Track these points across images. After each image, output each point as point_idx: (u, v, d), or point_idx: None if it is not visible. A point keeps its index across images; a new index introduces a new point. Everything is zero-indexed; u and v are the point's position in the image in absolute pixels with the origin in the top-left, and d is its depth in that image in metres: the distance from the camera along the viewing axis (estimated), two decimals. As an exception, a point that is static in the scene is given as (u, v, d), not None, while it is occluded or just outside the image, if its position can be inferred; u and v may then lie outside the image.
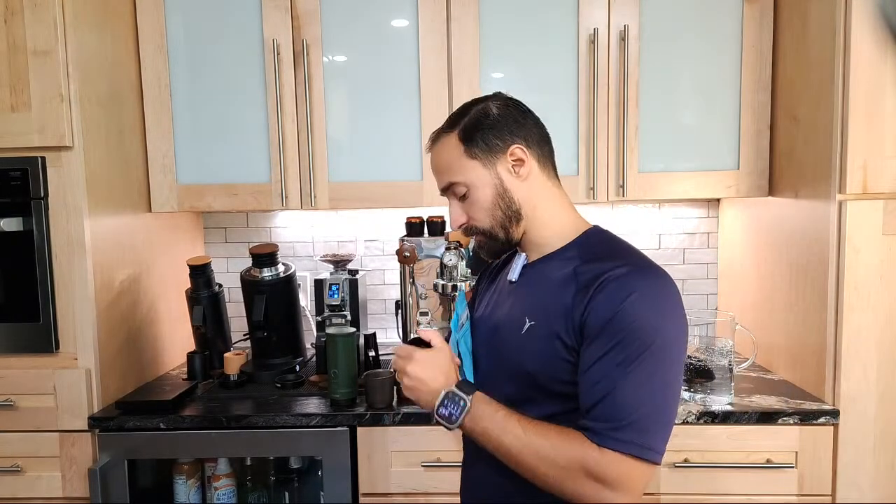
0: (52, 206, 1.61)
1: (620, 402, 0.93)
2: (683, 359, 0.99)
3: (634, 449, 0.92)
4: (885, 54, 1.45)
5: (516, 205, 1.06)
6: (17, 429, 1.66)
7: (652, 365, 0.93)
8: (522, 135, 1.06)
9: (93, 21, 1.68)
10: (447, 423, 1.02)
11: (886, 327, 1.55)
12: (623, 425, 0.92)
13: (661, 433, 0.95)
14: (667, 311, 0.97)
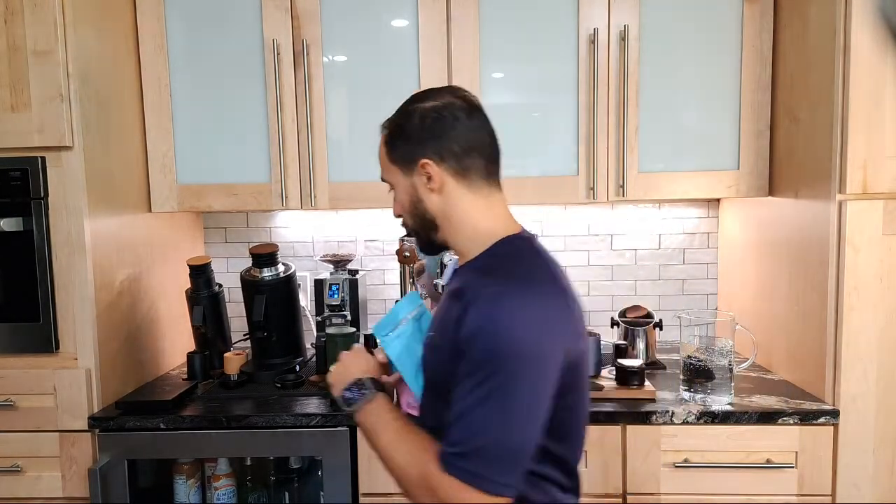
0: (52, 206, 1.61)
1: (469, 427, 0.90)
2: (550, 380, 0.92)
3: (471, 479, 0.89)
4: (885, 54, 1.45)
5: (430, 214, 1.07)
6: (18, 429, 1.66)
7: (506, 391, 0.88)
8: (437, 148, 1.03)
9: (93, 21, 1.68)
10: (346, 405, 1.07)
11: (886, 327, 1.55)
12: (467, 451, 0.89)
13: (506, 464, 0.90)
14: (531, 331, 0.90)
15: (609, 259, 2.26)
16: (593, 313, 2.28)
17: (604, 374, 1.78)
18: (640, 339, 1.97)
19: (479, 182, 1.05)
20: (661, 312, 2.18)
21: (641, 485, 1.60)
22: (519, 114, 1.87)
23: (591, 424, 1.57)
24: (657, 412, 1.58)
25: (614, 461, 1.60)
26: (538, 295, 0.95)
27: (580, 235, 2.25)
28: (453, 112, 1.05)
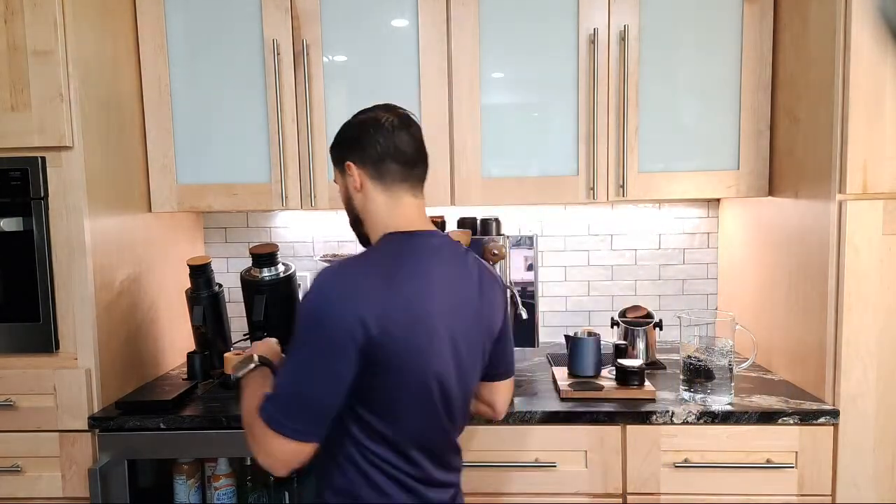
0: (52, 206, 1.61)
1: (277, 378, 1.12)
2: (338, 344, 1.05)
3: (269, 420, 1.07)
4: (885, 54, 1.45)
5: (356, 210, 1.23)
6: (18, 429, 1.66)
7: (296, 348, 1.08)
8: (357, 154, 1.20)
9: (93, 21, 1.68)
10: (233, 372, 1.28)
11: (886, 327, 1.55)
12: (271, 397, 1.09)
13: (296, 411, 1.06)
14: (321, 299, 1.07)
15: (609, 259, 2.26)
16: (593, 313, 2.28)
17: (604, 374, 1.78)
18: (640, 339, 1.97)
19: (395, 185, 1.19)
20: (661, 312, 2.18)
21: (641, 485, 1.60)
22: (519, 114, 1.87)
23: (591, 424, 1.59)
24: (657, 412, 1.58)
25: (614, 461, 1.60)
26: (350, 274, 1.10)
27: (580, 235, 2.25)
28: (377, 124, 1.22)
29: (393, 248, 1.16)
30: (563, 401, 1.66)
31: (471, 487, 1.61)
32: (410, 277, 1.11)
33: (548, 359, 2.03)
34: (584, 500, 1.61)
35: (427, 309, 1.11)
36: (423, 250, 1.16)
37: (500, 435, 1.61)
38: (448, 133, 1.86)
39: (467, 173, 1.87)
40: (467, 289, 1.20)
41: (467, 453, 1.61)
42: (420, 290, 1.11)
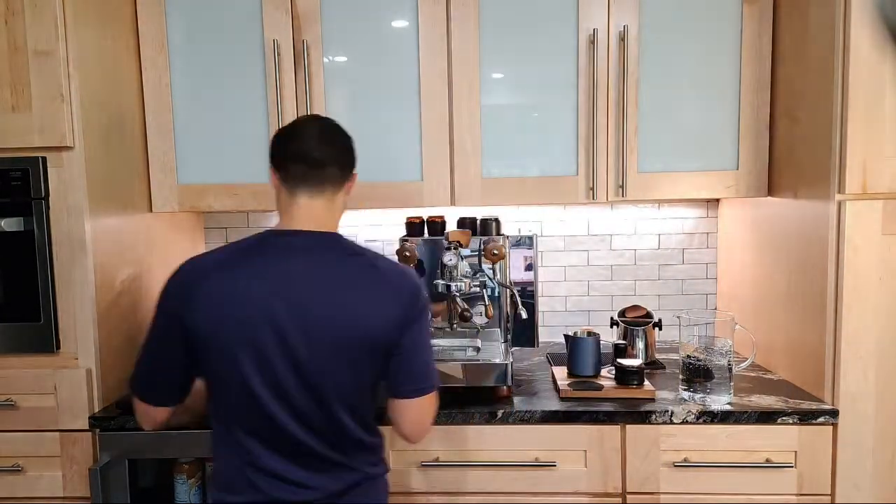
0: (53, 206, 1.61)
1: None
2: (162, 330, 1.25)
3: (131, 385, 1.28)
4: (884, 54, 1.45)
5: (277, 206, 1.31)
6: (18, 428, 1.66)
7: (148, 328, 1.27)
8: (273, 157, 1.29)
9: (93, 21, 1.68)
10: None
11: (886, 327, 1.55)
12: (135, 364, 1.28)
13: (145, 381, 1.27)
14: (163, 285, 1.26)
15: (609, 259, 2.26)
16: (593, 313, 2.28)
17: (603, 374, 1.78)
18: (640, 339, 1.97)
19: (295, 186, 1.26)
20: (661, 312, 2.18)
21: (641, 484, 1.60)
22: (519, 114, 1.88)
23: (591, 424, 1.59)
24: (656, 412, 1.58)
25: (614, 461, 1.60)
26: (193, 268, 1.24)
27: (580, 235, 2.25)
28: (291, 130, 1.30)
29: (250, 245, 1.24)
30: (562, 400, 1.67)
31: (471, 487, 1.62)
32: (247, 275, 1.20)
33: (547, 358, 2.04)
34: (584, 499, 1.62)
35: (251, 306, 1.18)
36: (279, 250, 1.23)
37: (500, 434, 1.61)
38: (448, 133, 1.86)
39: (467, 173, 1.87)
40: (333, 293, 1.20)
41: (467, 453, 1.61)
42: (250, 287, 1.19)
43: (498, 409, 1.61)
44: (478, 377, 1.68)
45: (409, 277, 1.28)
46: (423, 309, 1.27)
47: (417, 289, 1.27)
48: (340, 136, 1.34)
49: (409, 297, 1.25)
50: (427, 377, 1.29)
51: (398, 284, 1.26)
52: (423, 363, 1.29)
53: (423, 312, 1.27)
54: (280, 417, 1.20)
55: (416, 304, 1.25)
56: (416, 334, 1.26)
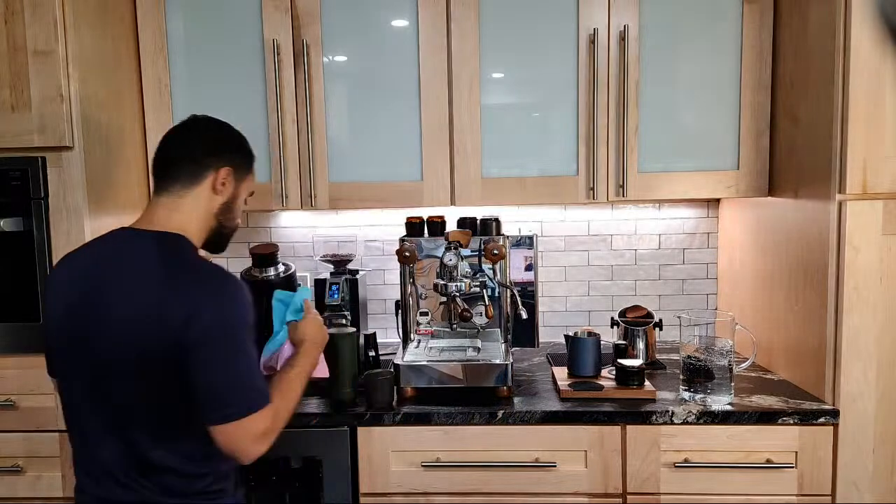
0: (52, 206, 1.61)
1: None
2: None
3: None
4: (884, 54, 1.45)
5: None
6: (18, 429, 1.66)
7: None
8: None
9: (93, 21, 1.68)
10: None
11: (886, 327, 1.55)
12: None
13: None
14: None
15: (609, 259, 2.26)
16: (593, 313, 2.28)
17: (604, 374, 1.78)
18: (640, 339, 1.97)
19: (155, 184, 1.28)
20: (661, 312, 2.18)
21: (641, 485, 1.60)
22: (519, 114, 1.87)
23: (591, 424, 1.59)
24: (657, 412, 1.58)
25: (614, 461, 1.60)
26: (59, 263, 1.28)
27: (580, 235, 2.25)
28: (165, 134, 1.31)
29: (95, 239, 1.29)
30: (563, 401, 1.66)
31: (471, 487, 1.62)
32: (68, 270, 1.24)
33: (548, 359, 2.03)
34: (584, 499, 1.62)
35: (57, 301, 1.21)
36: (98, 246, 1.26)
37: (500, 435, 1.61)
38: (448, 133, 1.86)
39: (467, 173, 1.87)
40: (128, 293, 1.15)
41: (468, 453, 1.61)
42: (61, 283, 1.22)
43: (498, 409, 1.61)
44: (478, 377, 1.67)
45: (221, 286, 1.18)
46: (219, 325, 1.14)
47: (226, 300, 1.16)
48: (207, 130, 1.30)
49: (222, 318, 1.14)
50: (232, 404, 1.15)
51: (203, 291, 1.16)
52: (229, 388, 1.16)
53: (216, 329, 1.14)
54: (87, 431, 1.21)
55: (226, 326, 1.15)
56: (222, 358, 1.15)
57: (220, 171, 1.27)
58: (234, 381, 1.16)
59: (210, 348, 1.14)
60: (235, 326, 1.16)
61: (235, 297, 1.18)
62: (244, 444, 1.17)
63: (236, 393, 1.16)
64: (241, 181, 1.33)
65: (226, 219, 1.32)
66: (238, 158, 1.32)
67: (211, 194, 1.27)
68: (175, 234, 1.23)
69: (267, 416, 1.19)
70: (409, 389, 1.70)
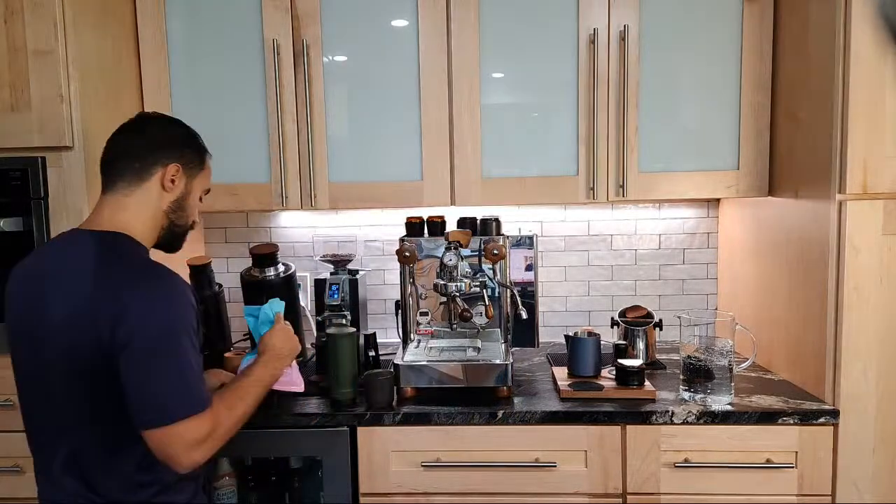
0: (52, 206, 1.61)
1: None
2: None
3: None
4: (885, 54, 1.45)
5: None
6: (18, 429, 1.64)
7: None
8: None
9: (93, 21, 1.68)
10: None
11: (886, 327, 1.55)
12: None
13: None
14: None
15: (609, 259, 2.26)
16: (593, 313, 2.28)
17: (604, 374, 1.78)
18: (640, 339, 1.97)
19: (102, 187, 1.27)
20: (661, 312, 2.18)
21: (641, 485, 1.60)
22: (519, 114, 1.87)
23: (591, 424, 1.59)
24: (657, 412, 1.58)
25: (614, 461, 1.60)
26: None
27: (580, 235, 2.25)
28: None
29: (48, 241, 1.32)
30: (563, 401, 1.66)
31: (471, 487, 1.62)
32: (22, 273, 1.23)
33: (548, 359, 2.03)
34: (584, 500, 1.62)
35: (11, 306, 1.22)
36: (45, 249, 1.27)
37: (500, 435, 1.61)
38: (448, 133, 1.86)
39: (467, 173, 1.87)
40: (64, 294, 1.14)
41: (468, 453, 1.61)
42: (12, 289, 1.22)
43: (498, 409, 1.61)
44: (478, 377, 1.67)
45: (153, 286, 1.14)
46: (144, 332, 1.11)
47: (158, 305, 1.13)
48: (153, 127, 1.29)
49: (132, 321, 1.10)
50: (153, 409, 1.12)
51: (133, 290, 1.13)
52: (149, 392, 1.12)
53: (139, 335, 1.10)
54: (39, 434, 1.24)
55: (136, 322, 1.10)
56: (150, 362, 1.11)
57: (169, 167, 1.26)
58: (163, 384, 1.12)
59: (138, 350, 1.10)
60: (166, 328, 1.12)
61: (169, 298, 1.15)
62: (175, 450, 1.13)
63: (166, 397, 1.12)
64: (193, 178, 1.31)
65: (178, 217, 1.31)
66: (188, 154, 1.30)
67: (160, 192, 1.26)
68: (116, 233, 1.21)
69: (203, 423, 1.15)
70: (409, 389, 1.70)
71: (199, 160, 1.33)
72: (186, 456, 1.14)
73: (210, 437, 1.17)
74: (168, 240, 1.33)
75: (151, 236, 1.28)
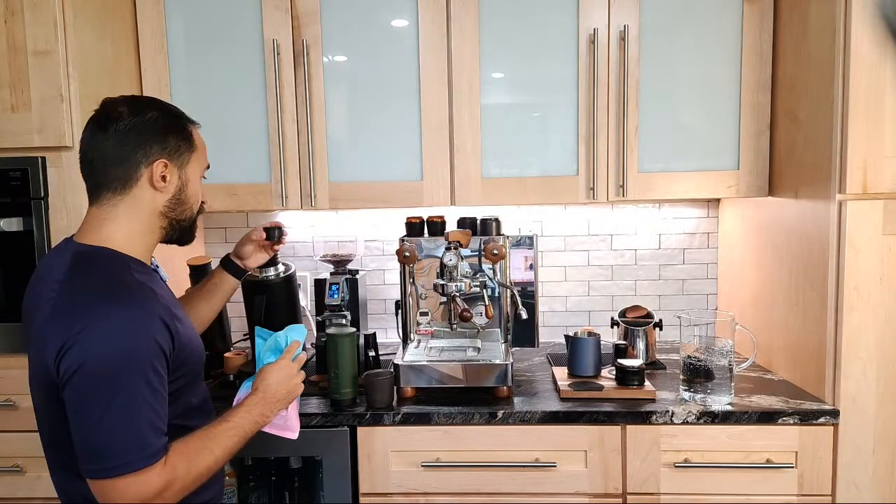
0: (52, 206, 1.61)
1: None
2: None
3: None
4: (885, 54, 1.45)
5: None
6: (18, 429, 1.66)
7: None
8: None
9: (93, 21, 1.68)
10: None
11: (886, 327, 1.55)
12: None
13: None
14: None
15: (609, 259, 2.26)
16: (593, 313, 2.28)
17: (604, 374, 1.78)
18: (640, 339, 1.97)
19: (88, 196, 1.15)
20: (661, 312, 2.18)
21: (641, 485, 1.60)
22: (519, 114, 1.87)
23: (591, 424, 1.59)
24: (657, 412, 1.58)
25: (614, 461, 1.60)
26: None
27: (580, 235, 2.25)
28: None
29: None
30: (563, 401, 1.66)
31: (471, 487, 1.62)
32: (33, 282, 1.15)
33: (548, 359, 2.03)
34: (584, 500, 1.62)
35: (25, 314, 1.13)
36: (44, 259, 1.17)
37: (500, 435, 1.61)
38: (448, 133, 1.86)
39: (467, 173, 1.87)
40: (35, 308, 1.08)
41: (468, 453, 1.61)
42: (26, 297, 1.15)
43: (498, 409, 1.61)
44: (478, 377, 1.67)
45: (97, 315, 0.99)
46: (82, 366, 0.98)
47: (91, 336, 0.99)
48: (122, 120, 1.09)
49: (69, 335, 0.99)
50: (86, 453, 0.99)
51: (77, 321, 0.99)
52: (82, 431, 0.99)
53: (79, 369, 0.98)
54: (45, 441, 1.13)
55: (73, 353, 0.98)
56: (74, 394, 0.99)
57: (155, 165, 1.11)
58: (104, 429, 0.97)
59: (79, 385, 0.97)
60: (110, 363, 0.97)
61: (122, 329, 0.99)
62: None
63: (107, 443, 0.97)
64: (186, 165, 1.16)
65: (179, 213, 1.17)
66: (172, 141, 1.13)
67: (153, 194, 1.12)
68: (94, 249, 1.09)
69: (152, 478, 1.00)
70: (409, 389, 1.70)
71: (187, 142, 1.17)
72: None
73: (160, 495, 1.01)
74: (175, 236, 1.20)
75: (146, 241, 1.16)
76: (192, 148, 1.19)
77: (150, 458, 1.00)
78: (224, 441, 1.13)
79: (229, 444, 1.14)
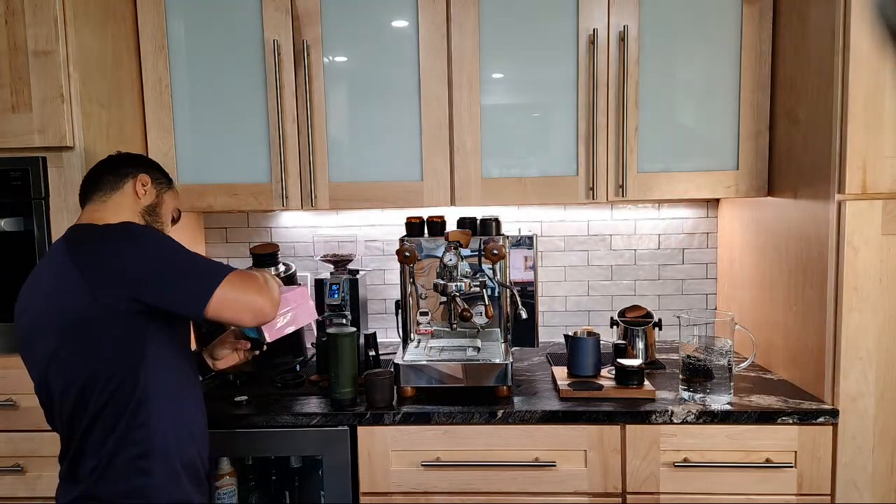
0: (53, 206, 1.61)
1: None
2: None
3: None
4: (884, 54, 1.46)
5: None
6: (19, 428, 1.66)
7: None
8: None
9: (93, 21, 1.69)
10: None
11: (886, 327, 1.55)
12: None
13: None
14: None
15: (609, 259, 2.26)
16: (593, 313, 2.28)
17: (603, 374, 1.78)
18: (640, 339, 1.97)
19: (81, 205, 1.41)
20: (661, 312, 2.18)
21: (641, 484, 1.60)
22: (519, 114, 1.88)
23: (591, 424, 1.59)
24: (656, 412, 1.58)
25: (614, 461, 1.60)
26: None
27: (580, 235, 2.25)
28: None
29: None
30: (562, 400, 1.67)
31: (471, 487, 1.62)
32: (37, 274, 1.35)
33: (547, 358, 2.04)
34: (584, 499, 1.62)
35: (19, 305, 1.32)
36: (48, 254, 1.36)
37: (500, 434, 1.61)
38: (448, 133, 1.86)
39: (467, 173, 1.87)
40: (37, 296, 1.29)
41: (468, 453, 1.61)
42: (19, 303, 1.33)
43: (498, 409, 1.61)
44: (478, 377, 1.68)
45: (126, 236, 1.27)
46: None
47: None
48: (120, 156, 1.44)
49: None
50: None
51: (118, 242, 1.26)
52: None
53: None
54: (56, 422, 1.31)
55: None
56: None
57: (139, 177, 1.40)
58: (201, 259, 1.29)
59: (149, 274, 1.23)
60: (168, 246, 1.27)
61: (149, 233, 1.30)
62: (244, 300, 1.27)
63: (209, 263, 1.29)
64: (163, 192, 1.45)
65: (153, 220, 1.42)
66: (156, 173, 1.44)
67: (135, 198, 1.39)
68: (87, 224, 1.33)
69: (242, 273, 1.30)
70: (409, 389, 1.70)
71: (167, 180, 1.47)
72: (256, 298, 1.27)
73: (255, 277, 1.30)
74: None
75: None
76: (170, 187, 1.48)
77: (228, 268, 1.29)
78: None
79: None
